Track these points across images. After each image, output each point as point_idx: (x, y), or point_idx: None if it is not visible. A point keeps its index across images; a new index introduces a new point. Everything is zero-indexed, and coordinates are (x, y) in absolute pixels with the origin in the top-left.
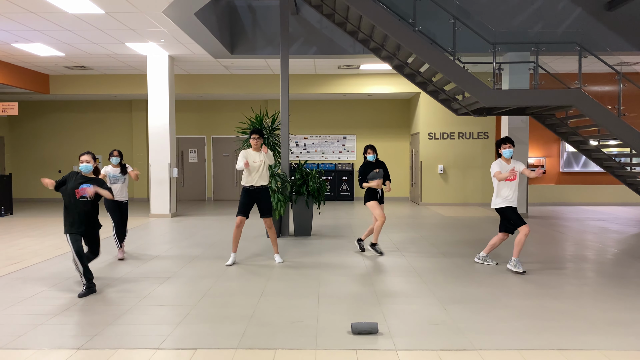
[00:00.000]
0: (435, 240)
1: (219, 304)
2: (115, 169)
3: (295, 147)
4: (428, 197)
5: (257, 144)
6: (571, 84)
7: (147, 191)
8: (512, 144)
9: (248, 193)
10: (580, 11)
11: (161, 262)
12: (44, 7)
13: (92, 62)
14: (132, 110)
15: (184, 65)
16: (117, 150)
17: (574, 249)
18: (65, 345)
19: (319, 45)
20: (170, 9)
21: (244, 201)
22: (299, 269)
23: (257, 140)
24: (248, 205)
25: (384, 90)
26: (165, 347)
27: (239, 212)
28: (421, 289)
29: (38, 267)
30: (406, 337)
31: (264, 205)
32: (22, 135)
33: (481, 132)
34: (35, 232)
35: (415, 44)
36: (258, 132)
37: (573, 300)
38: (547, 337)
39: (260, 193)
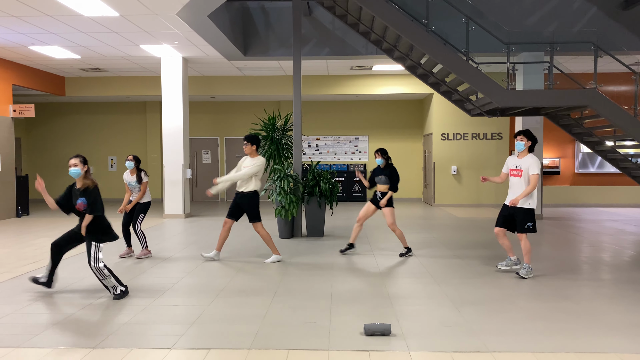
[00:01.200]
0: (448, 241)
1: (232, 304)
2: (131, 176)
3: (308, 148)
4: (441, 198)
5: (245, 149)
6: (586, 84)
7: (161, 192)
8: (528, 137)
9: (235, 196)
10: (595, 10)
11: (175, 263)
12: (60, 10)
13: (107, 64)
14: (147, 111)
15: (197, 66)
16: (131, 155)
17: (590, 250)
18: (80, 345)
19: (331, 46)
20: (184, 11)
21: (232, 204)
22: (312, 269)
23: (244, 146)
24: (233, 208)
25: (396, 90)
26: (179, 347)
27: (227, 214)
28: (434, 291)
29: None
30: (419, 338)
31: (246, 210)
32: (38, 137)
33: (495, 132)
34: (52, 233)
35: (428, 45)
36: (247, 138)
37: (589, 302)
38: (562, 340)
39: (241, 198)
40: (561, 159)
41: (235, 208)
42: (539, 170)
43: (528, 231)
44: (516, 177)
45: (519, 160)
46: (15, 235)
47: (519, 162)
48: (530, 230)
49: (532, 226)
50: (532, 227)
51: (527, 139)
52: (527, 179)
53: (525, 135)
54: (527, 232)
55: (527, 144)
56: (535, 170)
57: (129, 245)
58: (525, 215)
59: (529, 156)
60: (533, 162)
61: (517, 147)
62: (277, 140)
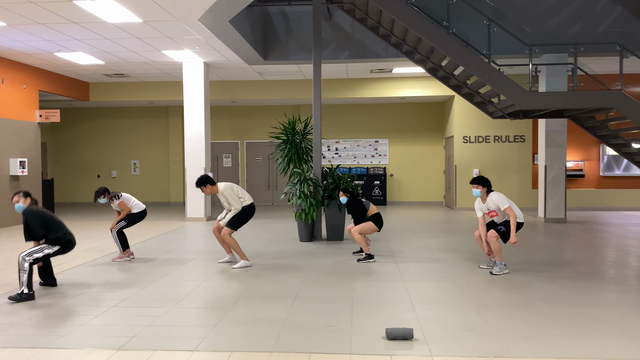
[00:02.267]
0: (470, 246)
1: (253, 307)
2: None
3: (327, 152)
4: (463, 201)
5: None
6: (612, 86)
7: (182, 195)
8: (483, 184)
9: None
10: (620, 10)
11: (196, 265)
12: (86, 17)
13: (130, 69)
14: (169, 116)
15: (218, 71)
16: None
17: (615, 255)
18: (105, 346)
19: (351, 49)
20: (205, 17)
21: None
22: (332, 273)
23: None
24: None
25: (417, 93)
26: (202, 349)
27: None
28: (456, 295)
29: (79, 270)
30: (442, 343)
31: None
32: (63, 141)
33: (517, 135)
34: (76, 236)
35: (449, 47)
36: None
37: (614, 308)
38: (587, 346)
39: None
40: (585, 162)
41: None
42: (508, 202)
43: (499, 232)
44: (494, 217)
45: (486, 205)
46: None
47: (486, 205)
48: (500, 233)
49: (504, 232)
50: (502, 232)
51: (482, 186)
52: (503, 214)
53: (479, 182)
54: (499, 233)
55: (484, 190)
56: (506, 204)
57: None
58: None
59: (491, 195)
60: (497, 199)
61: (474, 194)
62: (296, 143)
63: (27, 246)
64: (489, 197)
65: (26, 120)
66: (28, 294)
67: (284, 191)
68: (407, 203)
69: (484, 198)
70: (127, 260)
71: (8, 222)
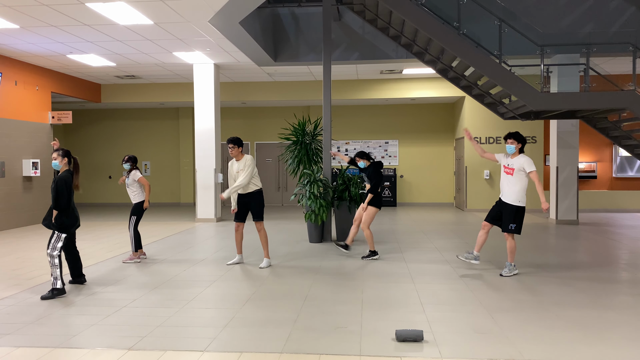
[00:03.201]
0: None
1: (263, 308)
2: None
3: None
4: (474, 203)
5: (232, 153)
6: (624, 86)
7: (193, 196)
8: (518, 140)
9: (238, 198)
10: (633, 10)
11: (207, 266)
12: (97, 20)
13: (141, 71)
14: (179, 117)
15: (228, 73)
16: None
17: (629, 257)
18: (116, 346)
19: (361, 50)
20: (216, 19)
21: (238, 206)
22: (342, 274)
23: (231, 150)
24: (240, 210)
25: (427, 94)
26: (212, 350)
27: (235, 218)
28: (467, 297)
29: (91, 269)
30: (452, 345)
31: (252, 209)
32: (75, 143)
33: (529, 136)
34: (89, 236)
35: (459, 48)
36: (231, 140)
37: (628, 310)
38: (601, 349)
39: (248, 198)
40: (598, 163)
41: (242, 209)
42: (534, 166)
43: (512, 232)
44: (508, 175)
45: (510, 160)
46: None
47: (510, 161)
48: (513, 231)
49: (516, 228)
50: (515, 229)
51: (517, 141)
52: (518, 177)
53: (515, 138)
54: (511, 232)
55: (518, 146)
56: (533, 167)
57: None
58: (511, 213)
59: (520, 156)
60: (526, 161)
61: (508, 150)
62: (306, 144)
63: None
64: (518, 157)
65: (39, 121)
66: (59, 289)
67: (294, 192)
68: (417, 204)
69: (514, 155)
70: (137, 262)
71: (22, 222)
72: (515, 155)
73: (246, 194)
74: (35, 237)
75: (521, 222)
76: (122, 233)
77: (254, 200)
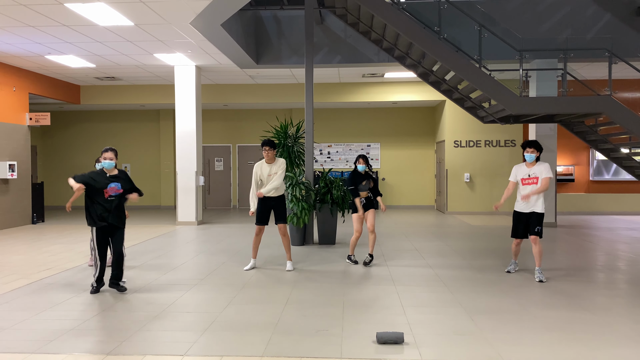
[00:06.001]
0: (461, 249)
1: (245, 312)
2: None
3: (320, 156)
4: (454, 205)
5: (268, 155)
6: (601, 91)
7: (174, 199)
8: (537, 148)
9: (263, 202)
10: (609, 17)
11: (187, 269)
12: (76, 20)
13: (122, 72)
14: (160, 119)
15: (210, 75)
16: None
17: (605, 259)
18: (94, 351)
19: (343, 54)
20: (197, 20)
21: (260, 210)
22: (324, 277)
23: (267, 152)
24: (264, 213)
25: (408, 98)
26: (192, 354)
27: (258, 221)
28: (447, 299)
29: (69, 274)
30: (432, 347)
31: (278, 211)
32: (53, 145)
33: (508, 139)
34: (67, 239)
35: (440, 52)
36: (268, 143)
37: (605, 311)
38: (578, 350)
39: (276, 201)
40: (575, 167)
41: (267, 213)
42: (551, 174)
43: (538, 234)
44: (531, 184)
45: (530, 169)
46: (31, 242)
47: (531, 170)
48: (539, 233)
49: (540, 230)
50: (540, 231)
51: (537, 150)
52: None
53: (535, 147)
54: (537, 234)
55: (537, 155)
56: (549, 174)
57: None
58: (539, 218)
59: (539, 163)
60: (545, 168)
61: (528, 159)
62: (289, 147)
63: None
64: (538, 165)
65: (16, 123)
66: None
67: None
68: (398, 207)
69: (532, 164)
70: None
71: (1, 224)
72: (533, 164)
73: (274, 197)
74: (11, 241)
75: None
76: None
77: (282, 204)
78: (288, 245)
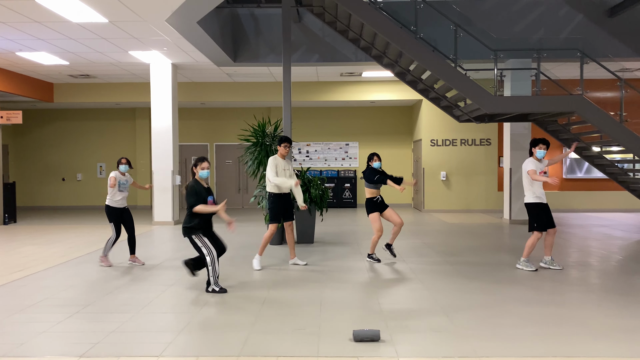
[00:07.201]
0: (438, 247)
1: (221, 312)
2: (122, 176)
3: (298, 154)
4: (431, 203)
5: (287, 151)
6: (573, 90)
7: (150, 199)
8: (547, 145)
9: (280, 199)
10: (581, 18)
11: (163, 270)
12: (49, 17)
13: (96, 70)
14: (136, 118)
15: (187, 73)
16: (125, 158)
17: (578, 255)
18: (67, 353)
19: (321, 52)
20: (173, 18)
21: (279, 206)
22: (301, 276)
23: (288, 148)
24: (281, 210)
25: (386, 97)
26: (168, 355)
27: (275, 220)
28: (424, 296)
29: (41, 275)
30: (409, 344)
31: (290, 208)
32: (26, 144)
33: (483, 138)
34: (39, 240)
35: (417, 52)
36: (288, 140)
37: (577, 307)
38: (551, 344)
39: (287, 197)
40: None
41: (282, 210)
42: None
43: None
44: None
45: (543, 164)
46: (2, 243)
47: (544, 164)
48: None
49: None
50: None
51: (546, 147)
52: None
53: (546, 143)
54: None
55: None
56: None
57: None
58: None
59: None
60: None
61: (540, 155)
62: (267, 146)
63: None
64: (544, 161)
65: None
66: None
67: (254, 194)
68: None
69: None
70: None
71: None
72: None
73: (286, 194)
74: None
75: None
76: (77, 237)
77: (291, 201)
78: (293, 242)
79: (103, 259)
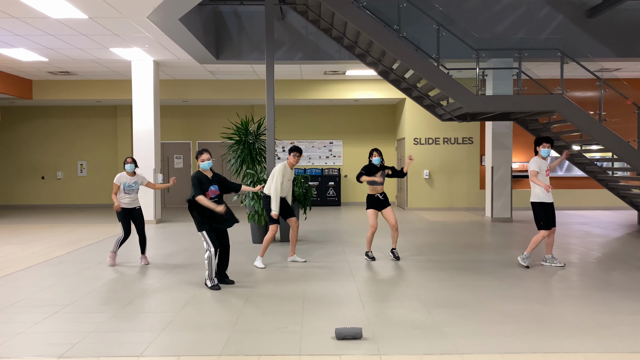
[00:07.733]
0: (420, 245)
1: (203, 311)
2: (130, 177)
3: (282, 153)
4: (414, 202)
5: (297, 160)
6: (554, 90)
7: None
8: (552, 144)
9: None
10: (562, 18)
11: (145, 269)
12: (27, 12)
13: (76, 67)
14: (117, 115)
15: (169, 70)
16: (131, 157)
17: (558, 252)
18: (46, 354)
19: (304, 51)
20: (154, 15)
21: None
22: (284, 274)
23: (298, 158)
24: (281, 211)
25: (370, 95)
26: (148, 355)
27: (275, 221)
28: (406, 293)
29: (20, 275)
30: (390, 341)
31: (289, 207)
32: (4, 141)
33: (466, 137)
34: (18, 239)
35: (399, 50)
36: (298, 149)
37: (557, 303)
38: (530, 341)
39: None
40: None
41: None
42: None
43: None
44: (548, 177)
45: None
46: None
47: (547, 163)
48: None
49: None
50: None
51: (551, 145)
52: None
53: (551, 142)
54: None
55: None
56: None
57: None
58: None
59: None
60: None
61: (544, 154)
62: (250, 144)
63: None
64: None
65: None
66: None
67: (237, 192)
68: (360, 204)
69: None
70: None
71: None
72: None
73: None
74: None
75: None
76: (56, 236)
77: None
78: (295, 239)
79: (111, 255)
